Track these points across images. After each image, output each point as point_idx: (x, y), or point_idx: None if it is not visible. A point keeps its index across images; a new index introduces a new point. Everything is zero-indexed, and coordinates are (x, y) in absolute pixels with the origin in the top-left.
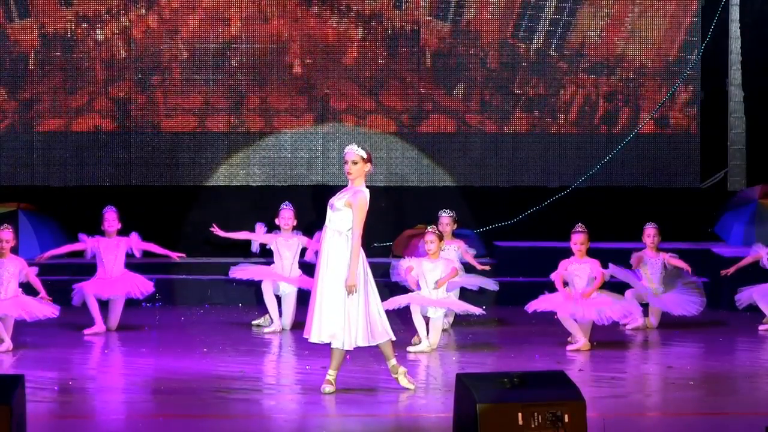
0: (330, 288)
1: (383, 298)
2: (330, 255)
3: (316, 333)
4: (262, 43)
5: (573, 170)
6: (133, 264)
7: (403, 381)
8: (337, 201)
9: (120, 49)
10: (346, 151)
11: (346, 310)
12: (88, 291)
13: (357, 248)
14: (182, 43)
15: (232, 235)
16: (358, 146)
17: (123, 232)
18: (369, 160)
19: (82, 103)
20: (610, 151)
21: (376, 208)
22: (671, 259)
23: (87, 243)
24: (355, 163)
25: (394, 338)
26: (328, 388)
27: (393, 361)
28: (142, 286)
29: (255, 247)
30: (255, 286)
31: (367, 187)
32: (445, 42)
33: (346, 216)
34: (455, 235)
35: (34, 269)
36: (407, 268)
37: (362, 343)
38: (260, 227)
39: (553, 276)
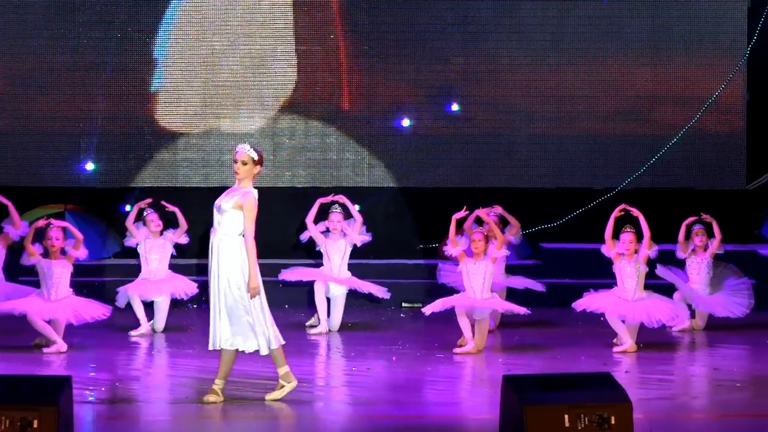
0: (229, 295)
1: (430, 300)
2: (221, 260)
3: (217, 341)
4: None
5: (619, 172)
6: (179, 265)
7: (282, 392)
8: (225, 203)
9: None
10: (237, 149)
11: (252, 315)
12: (132, 292)
13: (253, 249)
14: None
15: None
16: (251, 147)
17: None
18: (260, 162)
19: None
20: (656, 153)
21: (421, 211)
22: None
23: (139, 234)
24: (245, 164)
25: (283, 342)
26: (212, 398)
27: (285, 368)
28: (186, 287)
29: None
30: (303, 288)
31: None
32: (491, 41)
33: (236, 218)
34: None
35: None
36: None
37: (275, 346)
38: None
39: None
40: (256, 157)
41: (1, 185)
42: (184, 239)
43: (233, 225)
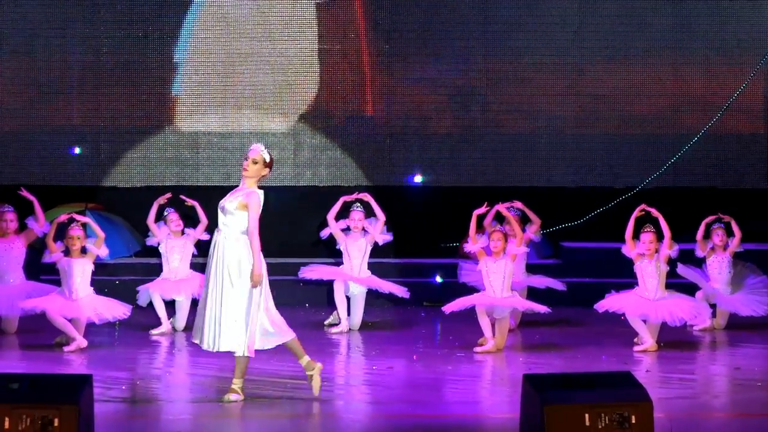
0: (230, 296)
1: (450, 299)
2: (225, 260)
3: (212, 342)
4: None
5: (640, 171)
6: (203, 264)
7: (317, 380)
8: (229, 204)
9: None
10: (251, 147)
11: (250, 318)
12: (153, 291)
13: (257, 240)
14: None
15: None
16: (265, 148)
17: None
18: (269, 165)
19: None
20: (676, 152)
21: (442, 209)
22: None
23: (160, 233)
24: (255, 163)
25: (293, 335)
26: (233, 397)
27: (306, 359)
28: None
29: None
30: (323, 287)
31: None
32: (513, 40)
33: (241, 219)
34: None
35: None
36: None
37: (262, 347)
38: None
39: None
40: (267, 159)
41: (23, 183)
42: (205, 236)
43: (238, 225)
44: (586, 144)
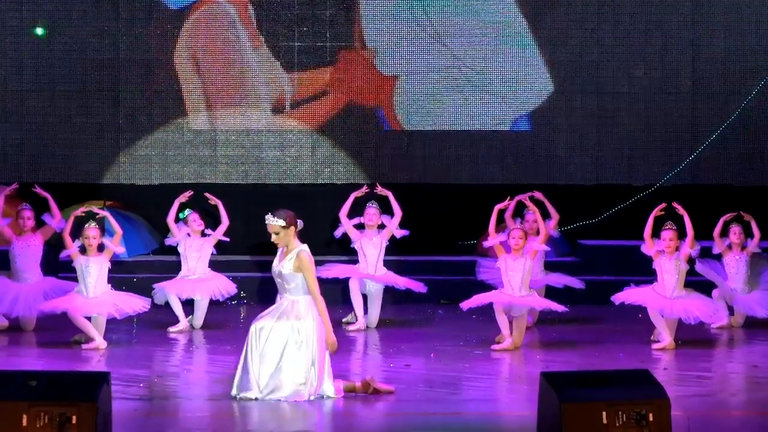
0: (307, 344)
1: (467, 296)
2: (290, 315)
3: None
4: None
5: (658, 168)
6: (220, 262)
7: (381, 388)
8: (284, 269)
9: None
10: (265, 221)
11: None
12: (169, 291)
13: (323, 304)
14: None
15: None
16: (274, 216)
17: None
18: (291, 223)
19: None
20: (695, 149)
21: (460, 207)
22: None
23: (180, 233)
24: (277, 233)
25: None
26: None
27: (358, 385)
28: (224, 287)
29: (338, 233)
30: (340, 284)
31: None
32: (521, 36)
33: (299, 280)
34: None
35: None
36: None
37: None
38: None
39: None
40: (283, 223)
41: (41, 182)
42: (225, 238)
43: (298, 286)
44: (604, 142)
